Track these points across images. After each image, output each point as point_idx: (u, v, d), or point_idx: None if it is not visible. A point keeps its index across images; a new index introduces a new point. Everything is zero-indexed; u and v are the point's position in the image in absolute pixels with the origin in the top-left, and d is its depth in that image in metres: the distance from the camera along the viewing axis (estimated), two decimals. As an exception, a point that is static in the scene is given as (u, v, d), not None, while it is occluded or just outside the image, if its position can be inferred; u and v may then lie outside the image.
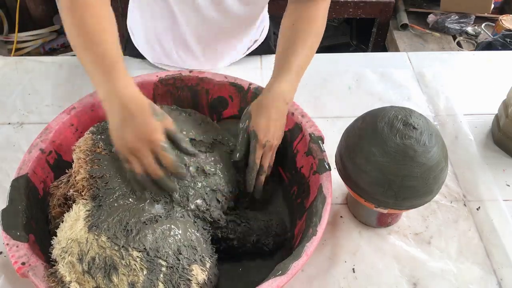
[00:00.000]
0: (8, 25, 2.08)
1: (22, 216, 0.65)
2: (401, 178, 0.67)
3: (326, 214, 0.66)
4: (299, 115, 0.80)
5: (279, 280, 0.59)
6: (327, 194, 0.69)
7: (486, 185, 0.89)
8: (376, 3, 1.92)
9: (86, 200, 0.64)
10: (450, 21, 1.93)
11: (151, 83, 0.85)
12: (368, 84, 1.11)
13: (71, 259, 0.59)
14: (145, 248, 0.60)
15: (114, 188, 0.65)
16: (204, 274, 0.63)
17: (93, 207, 0.63)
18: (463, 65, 1.18)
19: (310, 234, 0.65)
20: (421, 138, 0.67)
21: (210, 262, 0.65)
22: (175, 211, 0.67)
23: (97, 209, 0.63)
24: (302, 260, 0.61)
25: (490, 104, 1.04)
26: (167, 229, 0.64)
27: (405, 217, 0.84)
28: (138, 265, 0.59)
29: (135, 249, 0.60)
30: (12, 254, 0.60)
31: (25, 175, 0.70)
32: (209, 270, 0.64)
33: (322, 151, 0.74)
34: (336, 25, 2.43)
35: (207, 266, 0.64)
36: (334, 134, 0.80)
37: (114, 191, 0.65)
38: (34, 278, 0.59)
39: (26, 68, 1.12)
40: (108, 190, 0.65)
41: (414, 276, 0.76)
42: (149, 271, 0.59)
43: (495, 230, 0.82)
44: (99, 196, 0.64)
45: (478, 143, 0.97)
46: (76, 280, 0.58)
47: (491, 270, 0.77)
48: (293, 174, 0.81)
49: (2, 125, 0.98)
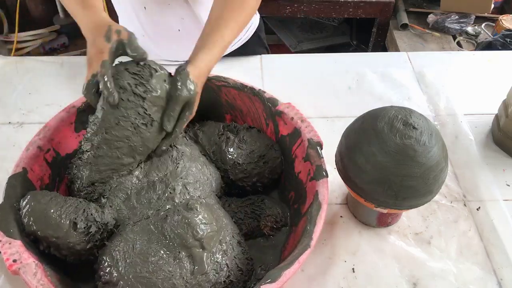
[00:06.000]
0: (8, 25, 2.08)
1: (16, 213, 0.65)
2: (401, 178, 0.67)
3: (320, 221, 0.66)
4: (298, 120, 0.79)
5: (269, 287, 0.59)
6: (323, 201, 0.68)
7: (486, 185, 0.89)
8: (376, 3, 1.92)
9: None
10: (450, 21, 1.93)
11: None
12: (368, 84, 1.11)
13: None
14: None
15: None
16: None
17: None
18: (463, 65, 1.18)
19: (304, 240, 0.64)
20: (421, 138, 0.67)
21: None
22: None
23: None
24: (294, 268, 0.61)
25: (490, 104, 1.04)
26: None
27: (405, 217, 0.84)
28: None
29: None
30: (4, 251, 0.60)
31: (21, 172, 0.70)
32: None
33: (320, 157, 0.74)
34: (336, 25, 2.43)
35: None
36: (334, 134, 0.80)
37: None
38: (24, 275, 0.58)
39: (26, 68, 1.12)
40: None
41: (414, 276, 0.76)
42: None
43: (495, 230, 0.82)
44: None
45: (478, 143, 0.97)
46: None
47: (491, 270, 0.77)
48: (291, 179, 0.81)
49: (3, 125, 0.98)
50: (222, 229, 0.67)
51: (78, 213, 0.65)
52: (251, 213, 0.77)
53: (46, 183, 0.74)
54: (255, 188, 0.80)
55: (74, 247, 0.64)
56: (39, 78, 1.09)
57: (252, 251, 0.73)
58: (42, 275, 0.59)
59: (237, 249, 0.68)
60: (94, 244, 0.66)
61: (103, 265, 0.63)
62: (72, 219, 0.64)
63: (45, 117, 0.98)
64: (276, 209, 0.78)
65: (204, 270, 0.62)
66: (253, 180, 0.79)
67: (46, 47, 2.12)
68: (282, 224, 0.78)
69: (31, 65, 1.13)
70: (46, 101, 1.04)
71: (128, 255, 0.63)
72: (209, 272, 0.63)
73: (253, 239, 0.77)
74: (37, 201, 0.65)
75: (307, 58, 1.21)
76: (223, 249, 0.65)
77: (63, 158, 0.78)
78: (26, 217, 0.64)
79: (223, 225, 0.68)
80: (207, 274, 0.63)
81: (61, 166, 0.77)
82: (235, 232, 0.70)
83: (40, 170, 0.73)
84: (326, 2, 1.91)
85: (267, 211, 0.77)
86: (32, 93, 1.06)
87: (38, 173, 0.73)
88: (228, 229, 0.68)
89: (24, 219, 0.64)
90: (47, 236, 0.63)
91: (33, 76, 1.10)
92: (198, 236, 0.63)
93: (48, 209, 0.64)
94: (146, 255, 0.62)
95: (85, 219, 0.65)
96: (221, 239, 0.66)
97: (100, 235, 0.66)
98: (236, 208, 0.77)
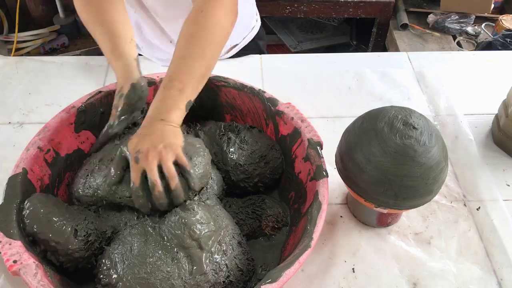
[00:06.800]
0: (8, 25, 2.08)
1: (16, 214, 0.65)
2: (401, 178, 0.67)
3: (321, 221, 0.66)
4: (298, 120, 0.79)
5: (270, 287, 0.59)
6: (323, 201, 0.68)
7: (486, 185, 0.89)
8: (376, 3, 1.92)
9: None
10: (450, 21, 1.93)
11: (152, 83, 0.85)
12: (368, 84, 1.11)
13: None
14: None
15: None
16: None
17: None
18: (463, 65, 1.18)
19: (304, 240, 0.64)
20: (421, 138, 0.67)
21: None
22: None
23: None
24: (294, 268, 0.61)
25: (490, 104, 1.04)
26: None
27: (405, 217, 0.84)
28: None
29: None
30: (4, 252, 0.60)
31: (21, 172, 0.70)
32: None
33: (320, 157, 0.74)
34: (336, 25, 2.43)
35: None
36: (334, 134, 0.80)
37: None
38: (25, 276, 0.58)
39: (26, 68, 1.12)
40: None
41: (414, 276, 0.76)
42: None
43: (495, 230, 0.82)
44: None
45: (478, 143, 0.97)
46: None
47: (491, 270, 0.77)
48: (291, 179, 0.81)
49: (3, 125, 0.98)
50: (221, 229, 0.67)
51: (80, 221, 0.66)
52: (252, 213, 0.77)
53: (46, 183, 0.74)
54: (257, 188, 0.80)
55: (72, 254, 0.64)
56: (39, 78, 1.09)
57: (253, 251, 0.74)
58: (43, 275, 0.59)
59: (237, 250, 0.68)
60: (93, 252, 0.66)
61: (102, 268, 0.63)
62: (74, 226, 0.65)
63: (45, 117, 0.98)
64: (277, 209, 0.78)
65: (203, 270, 0.62)
66: (254, 180, 0.79)
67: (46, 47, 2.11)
68: (283, 224, 0.78)
69: (31, 65, 1.13)
70: (46, 101, 1.04)
71: (126, 257, 0.63)
72: (208, 272, 0.63)
73: (255, 239, 0.77)
74: (43, 203, 0.65)
75: (307, 58, 1.21)
76: (223, 249, 0.65)
77: (63, 159, 0.78)
78: (29, 218, 0.64)
79: (222, 225, 0.68)
80: (206, 274, 0.63)
81: (61, 167, 0.77)
82: (236, 232, 0.70)
83: (40, 171, 0.73)
84: (326, 2, 1.91)
85: (268, 211, 0.77)
86: (32, 93, 1.06)
87: (38, 174, 0.72)
88: (228, 230, 0.68)
89: (26, 220, 0.64)
90: (47, 239, 0.63)
91: (33, 76, 1.10)
92: (195, 236, 0.63)
93: (53, 213, 0.64)
94: (144, 256, 0.62)
95: (86, 227, 0.66)
96: (220, 239, 0.66)
97: (99, 244, 0.67)
98: (237, 209, 0.77)
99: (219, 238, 0.66)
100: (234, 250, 0.67)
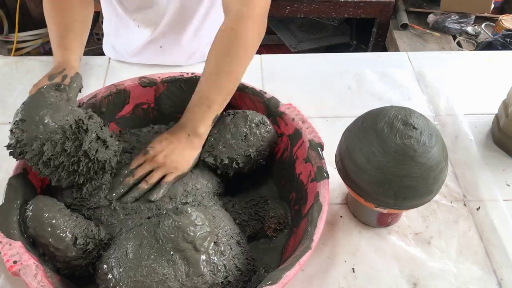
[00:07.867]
0: (8, 25, 2.08)
1: (17, 214, 0.65)
2: (401, 178, 0.67)
3: (321, 223, 0.66)
4: (299, 121, 0.79)
5: None
6: (324, 202, 0.68)
7: (486, 185, 0.89)
8: (376, 3, 1.92)
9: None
10: (450, 21, 1.93)
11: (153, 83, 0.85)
12: (368, 84, 1.11)
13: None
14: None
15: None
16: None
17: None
18: (463, 65, 1.18)
19: (305, 242, 0.64)
20: (421, 138, 0.67)
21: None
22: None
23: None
24: (294, 269, 0.61)
25: (490, 104, 1.04)
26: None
27: (405, 217, 0.84)
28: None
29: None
30: (4, 252, 0.60)
31: (22, 173, 0.70)
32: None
33: (321, 158, 0.74)
34: (336, 25, 2.43)
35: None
36: (334, 134, 0.80)
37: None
38: (25, 277, 0.58)
39: (26, 68, 1.12)
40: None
41: (414, 276, 0.76)
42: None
43: (495, 230, 0.82)
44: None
45: (478, 143, 0.97)
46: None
47: (491, 270, 0.77)
48: (291, 180, 0.81)
49: (3, 125, 0.98)
50: (218, 230, 0.67)
51: (80, 229, 0.66)
52: (254, 214, 0.76)
53: (46, 184, 0.74)
54: (258, 165, 0.80)
55: (70, 262, 0.65)
56: (39, 78, 1.09)
57: (254, 252, 0.74)
58: (43, 276, 0.59)
59: (236, 250, 0.68)
60: (90, 261, 0.66)
61: (100, 274, 0.64)
62: (75, 234, 0.65)
63: (45, 117, 0.98)
64: (279, 210, 0.78)
65: (200, 272, 0.62)
66: (254, 155, 0.78)
67: (46, 47, 2.12)
68: (285, 226, 0.78)
69: (31, 65, 1.13)
70: (46, 101, 1.03)
71: (122, 261, 0.63)
72: (205, 274, 0.63)
73: (257, 240, 0.77)
74: (48, 207, 0.65)
75: (307, 58, 1.21)
76: (220, 250, 0.65)
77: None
78: (31, 220, 0.64)
79: (219, 225, 0.68)
80: (203, 276, 0.62)
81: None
82: (235, 232, 0.70)
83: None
84: (326, 2, 1.91)
85: (271, 212, 0.77)
86: (32, 93, 1.05)
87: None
88: (226, 230, 0.68)
89: (28, 222, 0.64)
90: (47, 244, 0.63)
91: (33, 76, 1.09)
92: (189, 238, 0.63)
93: (56, 219, 0.64)
94: (139, 259, 0.62)
95: (85, 235, 0.66)
96: (217, 240, 0.66)
97: (96, 252, 0.67)
98: (240, 209, 0.77)
99: (216, 238, 0.66)
100: (233, 250, 0.67)
